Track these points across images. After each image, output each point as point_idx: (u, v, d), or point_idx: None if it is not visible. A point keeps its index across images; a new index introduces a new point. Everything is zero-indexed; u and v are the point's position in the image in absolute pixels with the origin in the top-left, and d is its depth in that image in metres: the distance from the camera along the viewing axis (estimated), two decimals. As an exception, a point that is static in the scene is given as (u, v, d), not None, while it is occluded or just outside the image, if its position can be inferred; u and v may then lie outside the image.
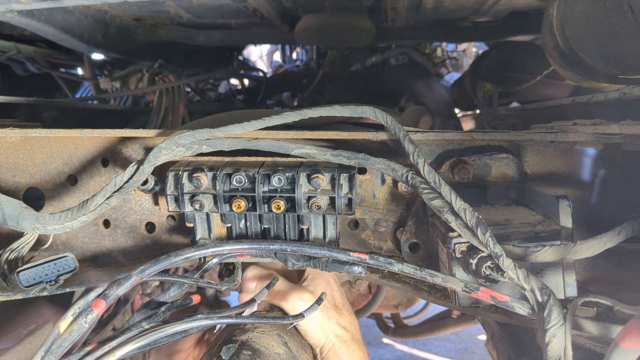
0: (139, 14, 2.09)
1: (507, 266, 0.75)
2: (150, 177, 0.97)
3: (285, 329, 1.02)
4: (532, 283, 0.74)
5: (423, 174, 0.84)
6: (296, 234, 0.98)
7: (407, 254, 1.02)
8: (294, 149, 0.92)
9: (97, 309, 0.68)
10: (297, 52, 3.87)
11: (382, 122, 0.91)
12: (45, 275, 0.94)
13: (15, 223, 0.91)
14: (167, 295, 0.86)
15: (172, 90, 2.37)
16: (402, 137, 0.88)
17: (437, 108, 2.25)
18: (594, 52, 0.91)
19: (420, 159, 0.85)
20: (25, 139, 1.11)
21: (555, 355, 0.71)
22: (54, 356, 0.63)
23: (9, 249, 0.96)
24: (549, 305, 0.72)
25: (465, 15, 2.22)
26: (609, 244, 0.77)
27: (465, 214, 0.78)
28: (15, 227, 0.92)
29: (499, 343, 1.35)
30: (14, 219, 0.91)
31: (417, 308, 2.80)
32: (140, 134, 1.02)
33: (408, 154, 0.87)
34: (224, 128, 0.91)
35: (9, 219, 0.90)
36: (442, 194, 0.82)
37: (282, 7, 2.04)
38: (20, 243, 0.97)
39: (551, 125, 1.00)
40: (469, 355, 3.86)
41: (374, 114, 0.91)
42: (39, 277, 0.95)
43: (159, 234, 1.12)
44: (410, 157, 0.86)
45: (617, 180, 0.93)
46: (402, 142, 0.87)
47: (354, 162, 0.91)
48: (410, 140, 0.87)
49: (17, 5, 1.45)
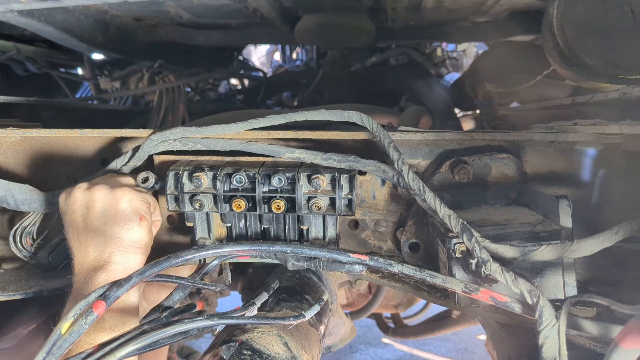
0: (139, 14, 2.09)
1: (494, 270, 0.75)
2: (151, 175, 0.98)
3: (286, 329, 1.02)
4: (521, 286, 0.74)
5: (407, 181, 0.84)
6: (296, 234, 0.98)
7: (407, 254, 1.02)
8: (285, 153, 0.93)
9: (98, 310, 0.68)
10: (297, 52, 3.87)
11: (367, 127, 0.91)
12: (67, 252, 0.97)
13: (27, 207, 1.02)
14: (171, 300, 0.86)
15: (172, 90, 2.37)
16: (386, 144, 0.88)
17: (437, 108, 2.24)
18: (594, 52, 0.91)
19: (405, 166, 0.85)
20: (25, 139, 1.11)
21: (549, 356, 0.72)
22: (55, 357, 0.63)
23: (21, 228, 1.02)
24: (539, 307, 0.73)
25: (465, 15, 2.22)
26: (607, 243, 0.77)
27: (450, 221, 0.79)
28: (28, 209, 1.02)
29: (499, 343, 1.35)
30: (26, 203, 1.01)
31: (417, 308, 2.80)
32: (140, 134, 1.03)
33: (392, 161, 0.87)
34: (211, 127, 0.94)
35: (21, 204, 1.01)
36: (427, 200, 0.82)
37: (282, 7, 2.04)
38: (30, 221, 1.04)
39: (551, 125, 1.00)
40: (469, 355, 3.86)
41: (360, 118, 0.91)
42: (63, 256, 1.04)
43: (159, 234, 1.12)
44: (395, 164, 0.86)
45: (617, 180, 0.93)
46: (386, 148, 0.87)
47: (344, 164, 0.91)
48: (394, 147, 0.87)
49: (17, 5, 1.45)
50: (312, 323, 1.13)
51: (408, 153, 1.00)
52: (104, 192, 0.89)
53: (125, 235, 0.87)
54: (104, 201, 0.89)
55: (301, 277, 1.25)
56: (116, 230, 0.87)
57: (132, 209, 0.89)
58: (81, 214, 0.90)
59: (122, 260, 0.86)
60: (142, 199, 0.92)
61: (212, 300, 2.45)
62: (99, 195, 0.89)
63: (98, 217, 0.88)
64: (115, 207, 0.88)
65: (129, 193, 0.90)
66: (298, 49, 3.78)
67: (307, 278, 1.27)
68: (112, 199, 0.89)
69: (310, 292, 1.21)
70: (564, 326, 0.72)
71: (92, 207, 0.89)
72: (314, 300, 1.12)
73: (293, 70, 3.43)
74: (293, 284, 1.20)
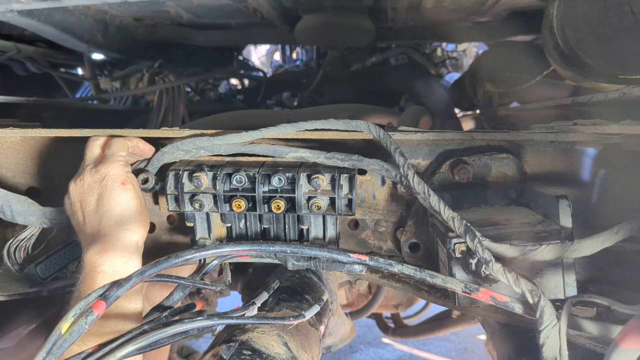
0: (139, 14, 2.08)
1: (496, 271, 0.75)
2: (151, 175, 0.98)
3: (286, 329, 1.02)
4: (522, 286, 0.75)
5: (412, 185, 0.85)
6: (296, 234, 0.99)
7: (407, 254, 1.02)
8: (288, 153, 0.94)
9: (98, 310, 0.68)
10: (297, 52, 3.87)
11: (375, 136, 0.92)
12: (57, 265, 0.98)
13: (23, 219, 0.98)
14: (171, 299, 0.87)
15: (172, 90, 2.37)
16: (392, 150, 0.89)
17: (437, 108, 2.24)
18: (594, 52, 0.91)
19: (410, 170, 0.86)
20: (25, 139, 1.11)
21: (550, 356, 0.72)
22: (55, 357, 0.63)
23: (16, 241, 1.00)
24: (540, 307, 0.73)
25: (465, 15, 2.22)
26: (607, 243, 0.77)
27: (454, 222, 0.79)
28: (24, 222, 0.99)
29: (499, 343, 1.35)
30: (22, 215, 0.98)
31: (417, 308, 2.80)
32: (140, 134, 1.02)
33: (398, 166, 0.88)
34: (223, 137, 0.95)
35: (17, 215, 0.97)
36: (431, 203, 0.83)
37: (282, 7, 2.04)
38: (26, 235, 1.03)
39: (551, 125, 1.00)
40: (469, 355, 3.86)
41: (367, 128, 0.92)
42: (52, 268, 1.03)
43: (158, 234, 1.12)
44: (400, 169, 0.87)
45: (617, 180, 0.93)
46: (392, 154, 0.89)
47: (347, 163, 0.92)
48: (400, 153, 0.88)
49: (17, 5, 1.45)
50: (312, 323, 1.13)
51: (408, 153, 1.00)
52: (89, 178, 0.91)
53: (113, 207, 0.88)
54: (91, 187, 0.91)
55: (301, 277, 1.25)
56: (105, 206, 0.89)
57: (112, 180, 0.90)
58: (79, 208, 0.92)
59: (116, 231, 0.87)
60: (120, 166, 0.92)
61: (212, 300, 2.45)
62: (86, 184, 0.91)
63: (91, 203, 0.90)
64: (100, 186, 0.90)
65: (107, 168, 0.91)
66: (298, 49, 3.78)
67: (307, 278, 1.27)
68: (95, 181, 0.90)
69: (310, 292, 1.21)
70: (565, 326, 0.73)
71: (85, 200, 0.91)
72: (314, 300, 1.12)
73: (293, 70, 3.43)
74: (293, 284, 1.20)
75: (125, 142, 0.97)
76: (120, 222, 0.87)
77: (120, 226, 0.87)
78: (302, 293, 1.17)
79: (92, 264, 0.83)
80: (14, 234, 1.05)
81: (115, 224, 0.87)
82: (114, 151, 0.94)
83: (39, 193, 1.13)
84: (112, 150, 0.95)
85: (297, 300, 1.13)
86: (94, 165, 0.93)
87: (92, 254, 0.83)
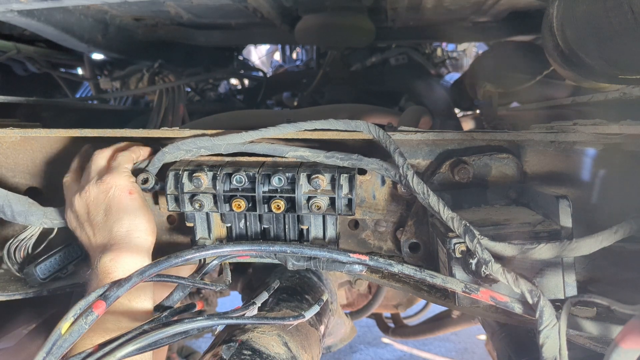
0: (139, 14, 2.09)
1: (496, 271, 0.75)
2: (151, 175, 0.98)
3: (286, 329, 1.02)
4: (522, 286, 0.75)
5: (412, 186, 0.85)
6: (296, 234, 0.99)
7: (407, 254, 1.02)
8: (288, 152, 0.94)
9: (98, 310, 0.68)
10: (297, 52, 3.87)
11: (374, 137, 0.92)
12: (57, 265, 0.98)
13: (23, 219, 0.98)
14: (171, 299, 0.87)
15: (172, 90, 2.37)
16: (392, 150, 0.89)
17: (437, 108, 2.24)
18: (594, 52, 0.91)
19: (409, 171, 0.86)
20: (25, 139, 1.11)
21: (550, 356, 0.72)
22: (55, 357, 0.63)
23: (16, 241, 1.00)
24: (540, 307, 0.73)
25: (465, 15, 2.22)
26: (606, 243, 0.77)
27: (454, 223, 0.79)
28: (24, 222, 0.99)
29: (499, 343, 1.35)
30: (23, 215, 0.98)
31: (417, 308, 2.80)
32: (140, 134, 1.02)
33: (398, 167, 0.88)
34: (223, 137, 0.95)
35: (18, 215, 0.97)
36: (431, 203, 0.83)
37: (282, 7, 2.04)
38: (26, 235, 1.03)
39: (551, 125, 1.00)
40: (469, 355, 3.86)
41: (367, 128, 0.92)
42: (52, 268, 1.03)
43: (158, 234, 1.11)
44: (400, 170, 0.87)
45: (617, 180, 0.93)
46: (392, 155, 0.89)
47: (347, 163, 0.92)
48: (400, 153, 0.89)
49: (17, 5, 1.45)
50: (312, 323, 1.13)
51: (408, 153, 1.00)
52: (95, 189, 0.93)
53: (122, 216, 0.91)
54: (98, 198, 0.92)
55: (301, 277, 1.25)
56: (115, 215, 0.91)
57: (119, 190, 0.92)
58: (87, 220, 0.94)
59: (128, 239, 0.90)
60: (126, 177, 0.94)
61: (212, 300, 2.45)
62: (92, 196, 0.93)
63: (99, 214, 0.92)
64: (107, 197, 0.92)
65: (113, 178, 0.93)
66: (298, 49, 3.78)
67: (307, 278, 1.27)
68: (102, 192, 0.92)
69: (310, 292, 1.21)
70: (565, 326, 0.73)
71: (92, 211, 0.93)
72: (314, 300, 1.12)
73: (293, 70, 3.43)
74: (293, 284, 1.20)
75: (131, 155, 0.99)
76: (130, 231, 0.90)
77: (131, 234, 0.90)
78: (302, 293, 1.17)
79: (106, 270, 0.85)
80: (14, 234, 1.05)
81: (127, 233, 0.90)
82: (120, 162, 0.96)
83: (39, 193, 1.13)
84: (118, 161, 0.96)
85: (297, 300, 1.13)
86: (99, 177, 0.95)
87: (106, 261, 0.86)
